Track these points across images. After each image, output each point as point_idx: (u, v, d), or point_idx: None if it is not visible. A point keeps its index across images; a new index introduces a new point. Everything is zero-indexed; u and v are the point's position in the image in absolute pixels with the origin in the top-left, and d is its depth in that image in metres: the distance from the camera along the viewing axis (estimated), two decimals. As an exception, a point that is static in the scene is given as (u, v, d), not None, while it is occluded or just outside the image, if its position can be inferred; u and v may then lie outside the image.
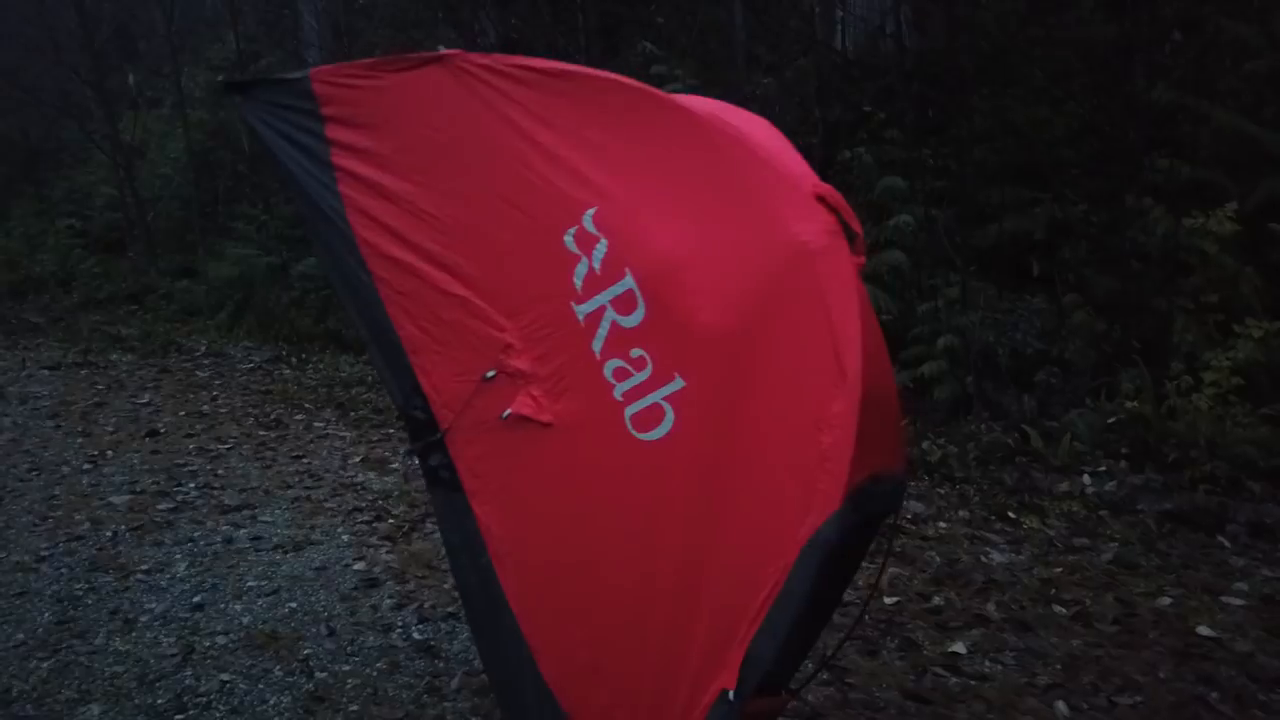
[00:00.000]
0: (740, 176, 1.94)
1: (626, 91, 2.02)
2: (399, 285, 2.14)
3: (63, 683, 3.05)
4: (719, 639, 1.84)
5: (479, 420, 2.06)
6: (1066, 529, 4.18)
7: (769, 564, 1.80)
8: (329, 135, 2.18)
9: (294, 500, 4.80)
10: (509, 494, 2.07)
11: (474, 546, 2.09)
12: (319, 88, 2.19)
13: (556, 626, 2.04)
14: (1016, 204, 6.31)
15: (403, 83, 2.15)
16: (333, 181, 2.18)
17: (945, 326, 5.87)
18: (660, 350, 1.91)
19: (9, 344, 9.54)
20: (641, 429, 1.91)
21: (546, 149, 2.03)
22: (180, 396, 7.20)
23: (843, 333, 1.84)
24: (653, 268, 1.93)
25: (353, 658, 3.22)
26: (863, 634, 3.30)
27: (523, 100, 2.05)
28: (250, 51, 12.98)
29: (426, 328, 2.12)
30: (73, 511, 4.65)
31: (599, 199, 1.98)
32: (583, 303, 1.97)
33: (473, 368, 2.07)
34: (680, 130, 1.98)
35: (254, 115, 2.26)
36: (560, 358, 2.00)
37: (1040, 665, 3.08)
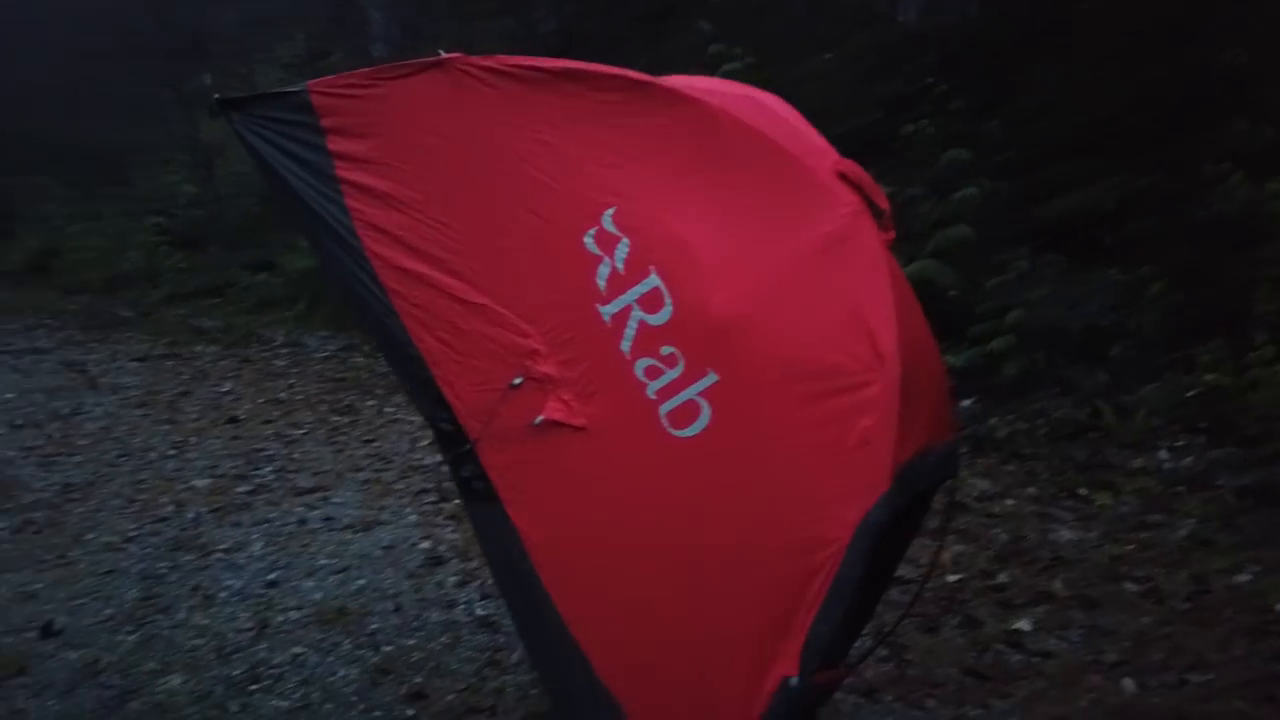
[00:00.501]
0: (758, 163, 1.93)
1: (635, 86, 2.00)
2: (414, 298, 2.08)
3: (146, 655, 3.21)
4: (773, 629, 1.82)
5: (509, 428, 2.02)
6: (1140, 505, 4.06)
7: (820, 550, 1.79)
8: (331, 148, 2.11)
9: (364, 482, 4.95)
10: (547, 500, 2.04)
11: (514, 555, 2.06)
12: (317, 99, 2.12)
13: (606, 627, 2.02)
14: (1087, 174, 6.11)
15: (404, 89, 2.10)
16: (339, 195, 2.11)
17: (1014, 301, 5.73)
18: (691, 346, 1.89)
19: (101, 337, 9.98)
20: (677, 426, 1.90)
21: (558, 150, 2.00)
22: (259, 385, 7.45)
23: (875, 313, 1.83)
24: (677, 264, 1.91)
25: (417, 632, 3.32)
26: (923, 611, 3.26)
27: (529, 101, 2.02)
28: (319, 48, 13.31)
29: (446, 339, 2.07)
30: (158, 495, 4.86)
31: (617, 198, 1.95)
32: (607, 303, 1.95)
33: (498, 376, 2.03)
34: (695, 121, 1.96)
35: (251, 132, 2.16)
36: (588, 360, 1.97)
37: (1107, 643, 3.02)
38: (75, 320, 11.13)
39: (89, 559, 4.04)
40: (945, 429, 2.16)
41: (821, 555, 1.78)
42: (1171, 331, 5.19)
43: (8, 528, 4.42)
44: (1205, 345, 4.90)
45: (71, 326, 10.75)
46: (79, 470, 5.31)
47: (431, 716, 2.81)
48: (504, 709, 2.83)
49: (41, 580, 3.82)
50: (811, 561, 1.79)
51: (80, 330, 10.48)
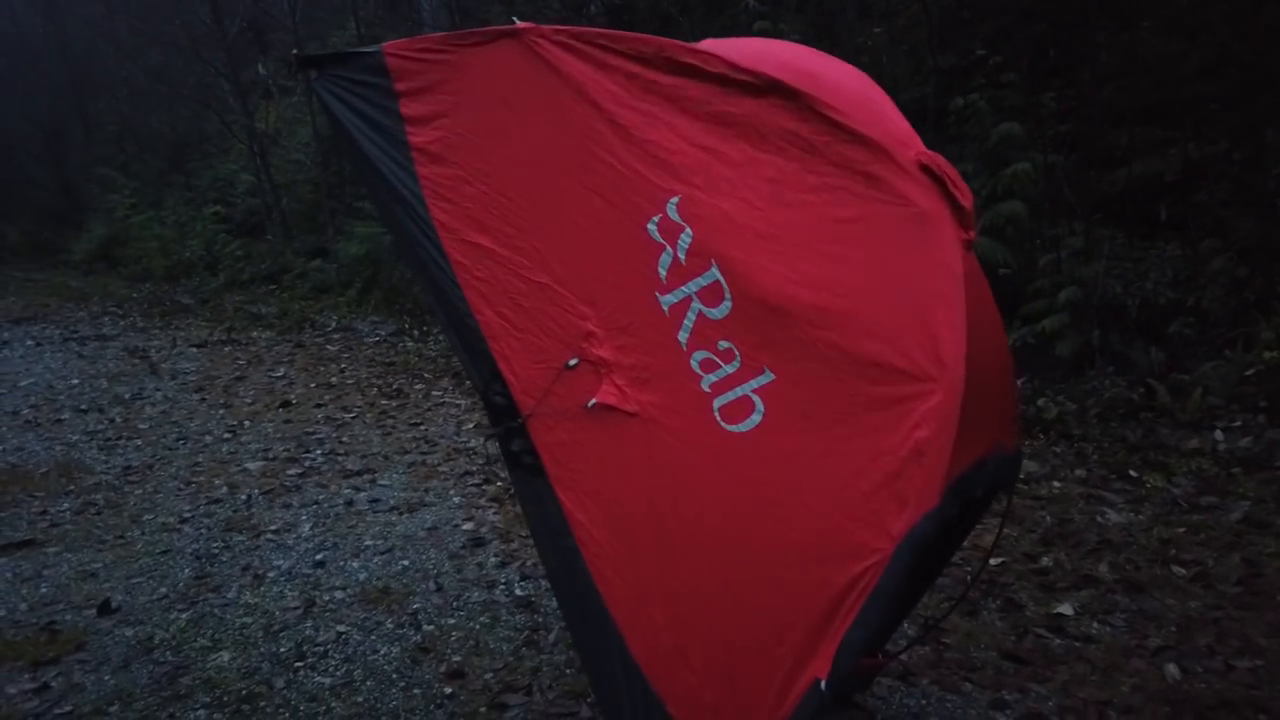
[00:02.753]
0: (837, 153, 1.83)
1: (712, 65, 1.91)
2: (477, 271, 2.09)
3: (198, 632, 3.31)
4: (811, 631, 1.80)
5: (562, 408, 2.03)
6: (1193, 487, 3.94)
7: (862, 559, 1.74)
8: (404, 112, 2.12)
9: (410, 465, 5.03)
10: (594, 481, 2.04)
11: (559, 530, 2.07)
12: (392, 62, 2.11)
13: (643, 610, 2.02)
14: (1146, 145, 5.91)
15: (477, 58, 2.07)
16: (409, 162, 2.12)
17: (1068, 278, 5.59)
18: (748, 343, 1.86)
19: (163, 324, 10.29)
20: (730, 421, 1.87)
21: (628, 131, 1.95)
22: (312, 369, 7.61)
23: (944, 320, 1.73)
24: (740, 259, 1.86)
25: (458, 612, 3.37)
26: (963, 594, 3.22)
27: (600, 78, 1.97)
28: (370, 36, 13.44)
29: (505, 314, 2.08)
30: (213, 477, 5.00)
31: (684, 186, 1.90)
32: (667, 293, 1.92)
33: (554, 355, 2.03)
34: (772, 108, 1.87)
35: (327, 91, 2.17)
36: (644, 347, 1.95)
37: (1152, 627, 2.94)
38: (138, 307, 11.50)
39: (146, 539, 4.18)
40: (1007, 435, 2.09)
41: (863, 565, 1.74)
42: (1232, 308, 5.02)
43: (70, 509, 4.58)
44: (1268, 322, 4.73)
45: (135, 313, 11.10)
46: (139, 453, 5.49)
47: (469, 694, 2.85)
48: (540, 688, 2.86)
49: (101, 560, 3.96)
50: (853, 570, 1.75)
51: (143, 317, 10.82)
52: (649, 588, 2.00)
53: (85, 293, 13.14)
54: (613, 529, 2.04)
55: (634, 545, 2.02)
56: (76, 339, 9.60)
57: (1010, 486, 2.16)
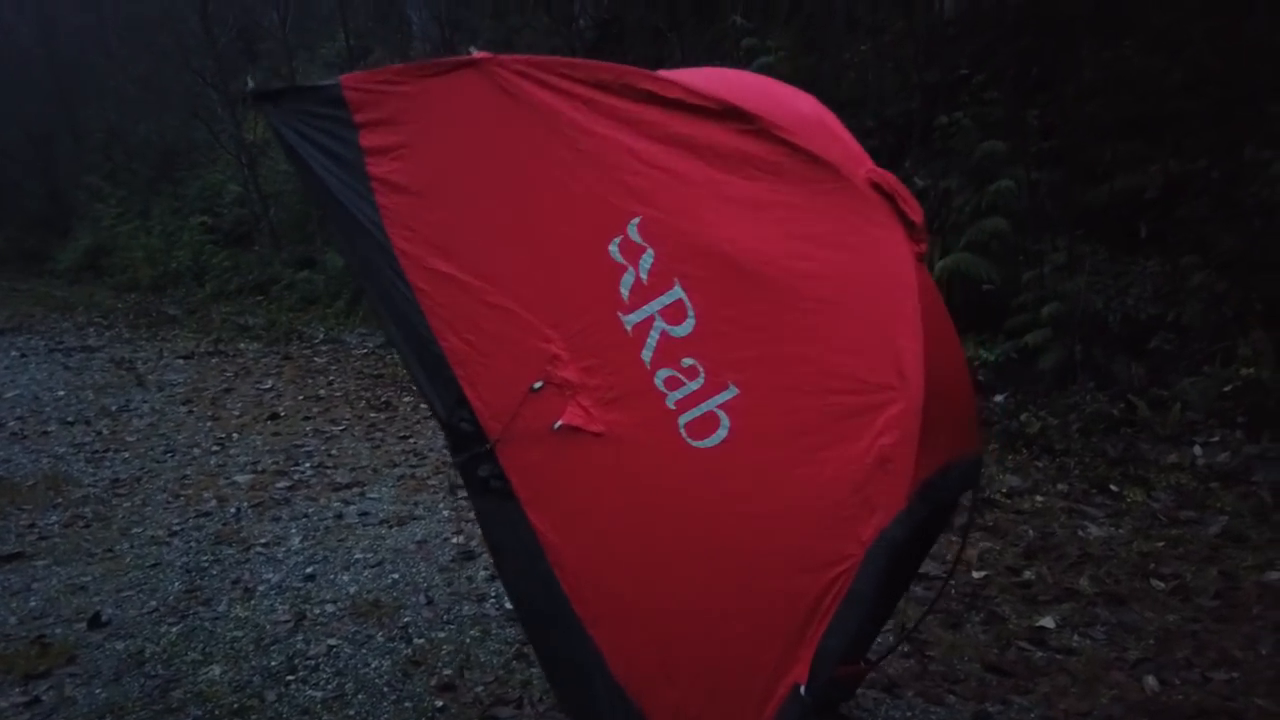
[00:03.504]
0: (792, 172, 1.91)
1: (669, 90, 1.98)
2: (440, 297, 2.09)
3: (189, 645, 3.32)
4: (789, 639, 1.84)
5: (529, 431, 2.04)
6: (1172, 501, 4.01)
7: (835, 566, 1.79)
8: (363, 144, 2.12)
9: (400, 478, 5.05)
10: (565, 503, 2.06)
11: (532, 554, 2.07)
12: (350, 95, 2.12)
13: (622, 628, 2.04)
14: (1128, 161, 6.01)
15: (436, 88, 2.09)
16: (369, 192, 2.11)
17: (1051, 293, 5.67)
18: (712, 359, 1.90)
19: (150, 335, 10.27)
20: (696, 437, 1.91)
21: (587, 155, 1.99)
22: (300, 381, 7.62)
23: (899, 331, 1.81)
24: (703, 276, 1.91)
25: (448, 625, 3.39)
26: (946, 607, 3.27)
27: (559, 104, 2.01)
28: (360, 47, 13.49)
29: (470, 339, 2.08)
30: (201, 490, 5.01)
31: (644, 207, 1.95)
32: (630, 313, 1.95)
33: (519, 378, 2.04)
34: (727, 129, 1.94)
35: (284, 124, 2.15)
36: (609, 368, 1.98)
37: (1132, 640, 3.00)
38: (125, 318, 11.47)
39: (135, 552, 4.18)
40: (970, 441, 2.15)
41: (835, 571, 1.79)
42: (1212, 323, 5.11)
43: (58, 522, 4.58)
44: (1246, 338, 4.82)
45: (121, 324, 11.08)
46: (126, 466, 5.49)
47: (460, 708, 2.88)
48: (531, 700, 2.89)
49: (90, 573, 3.96)
50: (825, 577, 1.80)
51: (129, 328, 10.80)
52: (627, 606, 2.03)
53: (71, 302, 13.10)
54: (588, 549, 2.05)
55: (610, 564, 2.04)
56: (62, 350, 9.58)
57: (975, 488, 2.23)
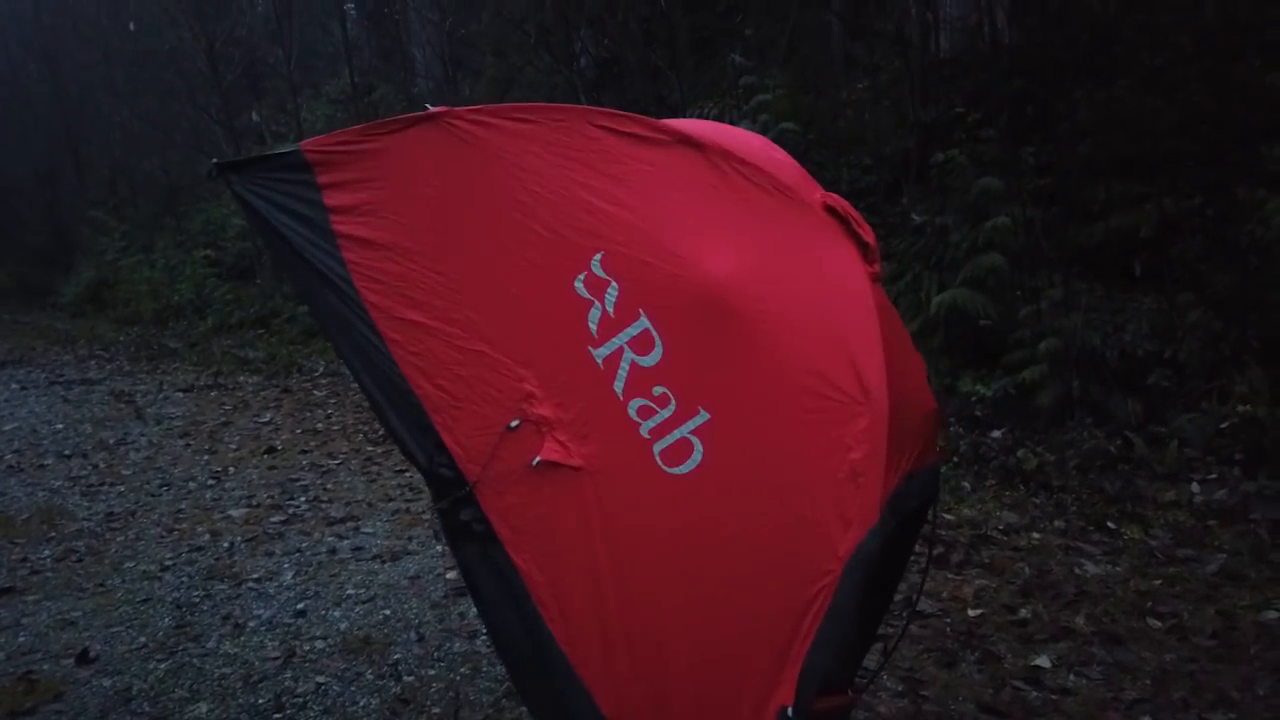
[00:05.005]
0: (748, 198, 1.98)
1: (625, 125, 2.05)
2: (413, 346, 2.11)
3: (177, 683, 3.29)
4: (774, 659, 1.85)
5: (507, 471, 2.05)
6: (1170, 539, 3.98)
7: (814, 582, 1.82)
8: (327, 203, 2.16)
9: (394, 512, 5.03)
10: (547, 540, 2.06)
11: (517, 595, 2.08)
12: (313, 157, 2.17)
13: (609, 663, 2.04)
14: (1123, 200, 6.04)
15: (396, 144, 2.14)
16: (336, 249, 2.15)
17: (1047, 329, 5.67)
18: (681, 386, 1.94)
19: (150, 368, 10.29)
20: (671, 464, 1.94)
21: (547, 196, 2.05)
22: (298, 415, 7.62)
23: (861, 348, 1.87)
24: (667, 306, 1.95)
25: (439, 663, 3.36)
26: (941, 645, 3.24)
27: (516, 150, 2.07)
28: (364, 84, 13.65)
29: (444, 385, 2.09)
30: (195, 524, 4.99)
31: (605, 243, 2.00)
32: (599, 346, 1.99)
33: (495, 419, 2.06)
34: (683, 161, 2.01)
35: (249, 191, 2.19)
36: (582, 401, 2.01)
37: (1128, 680, 2.96)
38: (125, 351, 11.49)
39: (127, 587, 4.16)
40: (929, 450, 2.20)
41: (815, 587, 1.81)
42: (1208, 360, 5.11)
43: (51, 556, 4.56)
44: (1242, 375, 4.82)
45: (121, 357, 11.10)
46: (121, 500, 5.47)
47: (448, 747, 2.85)
48: (520, 740, 2.86)
49: (81, 608, 3.94)
50: (806, 593, 1.82)
51: (130, 361, 10.82)
52: (614, 639, 2.03)
53: (73, 335, 13.14)
54: (572, 586, 2.06)
55: (595, 599, 2.04)
56: (62, 383, 9.59)
57: (935, 499, 2.28)
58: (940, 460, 2.34)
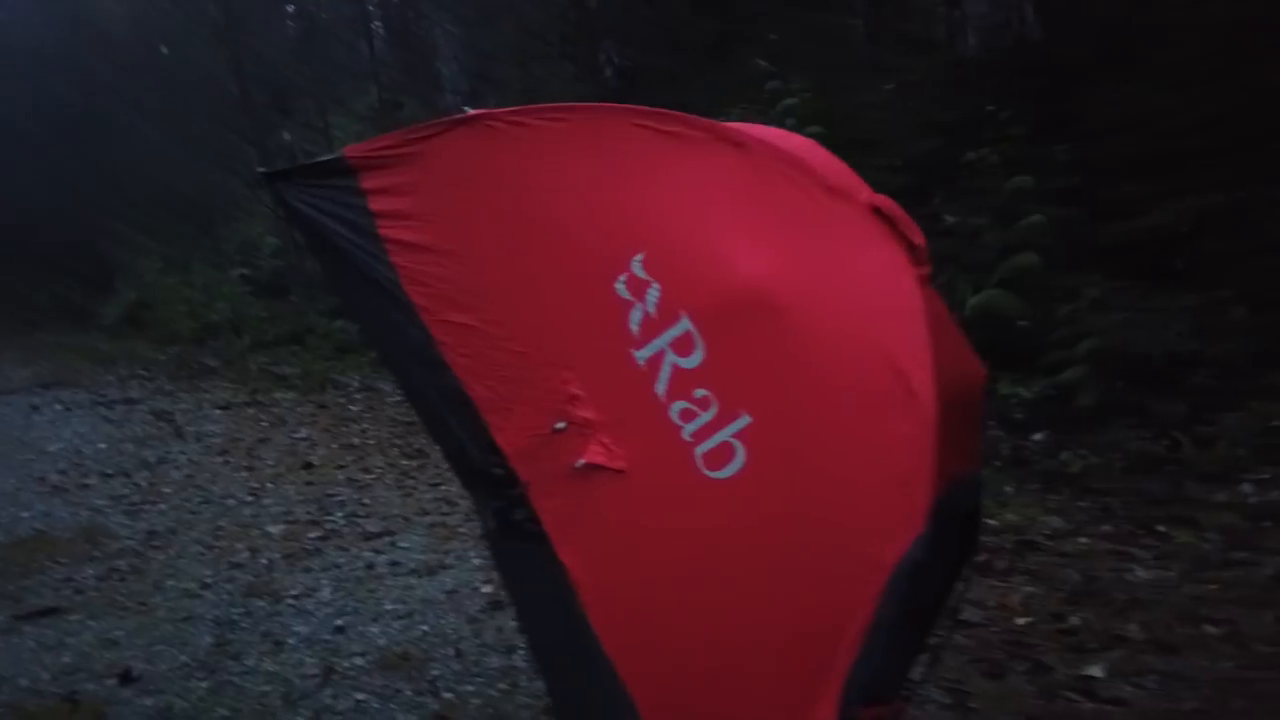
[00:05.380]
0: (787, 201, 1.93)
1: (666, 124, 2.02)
2: (461, 349, 2.12)
3: (217, 701, 3.31)
4: (816, 671, 1.80)
5: (554, 472, 2.04)
6: (1223, 542, 3.87)
7: (859, 593, 1.76)
8: (373, 208, 2.17)
9: (431, 526, 5.03)
10: (592, 542, 2.04)
11: (564, 598, 2.05)
12: (356, 162, 2.19)
13: (651, 667, 2.01)
14: (1160, 195, 5.92)
15: (436, 148, 2.14)
16: (383, 253, 2.16)
17: (1086, 329, 5.57)
18: (723, 389, 1.89)
19: (189, 386, 10.41)
20: (713, 467, 1.89)
21: (588, 196, 2.03)
22: (334, 430, 7.67)
23: (908, 350, 1.80)
24: (708, 308, 1.92)
25: (476, 678, 3.35)
26: (988, 655, 3.18)
27: (556, 150, 2.05)
28: (392, 100, 13.77)
29: (493, 386, 2.10)
30: (234, 541, 5.03)
31: (646, 243, 1.97)
32: (641, 348, 1.96)
33: (541, 421, 2.05)
34: (726, 160, 1.97)
35: (296, 198, 2.24)
36: (625, 404, 1.98)
37: (1186, 690, 2.88)
38: (165, 370, 11.65)
39: (168, 605, 4.19)
40: (973, 458, 2.14)
41: (860, 597, 1.75)
42: (1254, 357, 4.98)
43: (94, 575, 4.62)
44: (1291, 370, 4.70)
45: (161, 376, 11.24)
46: (163, 518, 5.53)
47: (489, 764, 2.83)
48: (560, 757, 2.83)
49: (123, 627, 3.97)
50: (849, 602, 1.76)
51: (169, 380, 10.96)
52: (655, 643, 2.00)
53: (114, 356, 13.34)
54: (616, 590, 2.03)
55: (638, 605, 2.01)
56: (105, 403, 9.73)
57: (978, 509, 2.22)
58: (980, 468, 2.29)
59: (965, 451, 2.02)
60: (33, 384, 11.36)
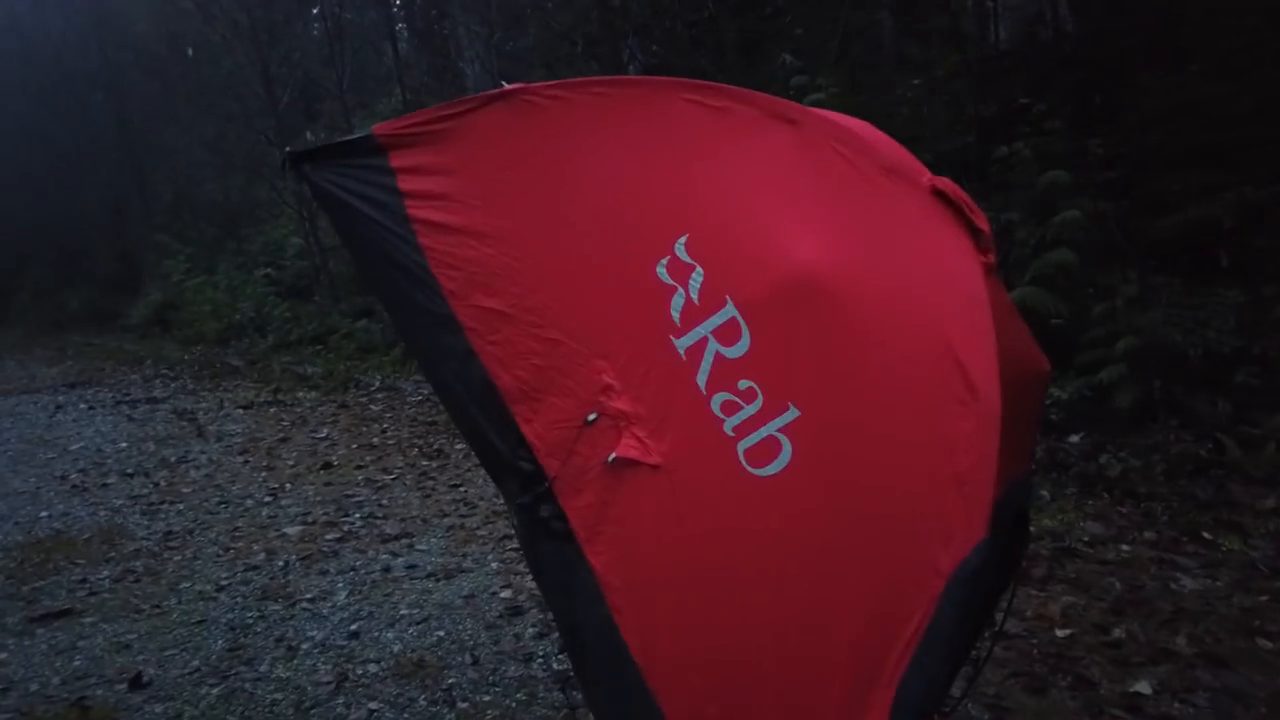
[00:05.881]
0: (842, 181, 1.80)
1: (712, 98, 1.90)
2: (491, 335, 2.02)
3: (228, 709, 3.22)
4: (862, 680, 1.69)
5: (585, 466, 1.94)
6: (1273, 550, 3.70)
7: (912, 598, 1.65)
8: (402, 187, 2.07)
9: (449, 528, 4.94)
10: (623, 541, 1.94)
11: (591, 598, 1.96)
12: (385, 140, 2.09)
13: (683, 677, 1.90)
14: (1200, 189, 5.72)
15: (470, 124, 2.04)
16: (411, 235, 2.06)
17: (1124, 327, 5.38)
18: (770, 380, 1.78)
19: (212, 386, 10.42)
20: (757, 464, 1.78)
21: (628, 176, 1.92)
22: (354, 430, 7.61)
23: (971, 344, 1.68)
24: (755, 294, 1.80)
25: (493, 688, 3.24)
26: (1029, 669, 3.03)
27: (595, 125, 1.95)
28: (416, 103, 13.74)
29: (522, 376, 2.00)
30: (251, 542, 4.96)
31: (691, 225, 1.86)
32: (682, 336, 1.85)
33: (573, 413, 1.95)
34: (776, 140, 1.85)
35: (323, 179, 2.13)
36: (663, 395, 1.87)
37: (1239, 707, 2.72)
38: (189, 370, 11.68)
39: (182, 608, 4.12)
40: (1025, 459, 2.00)
41: (911, 603, 1.64)
42: (1304, 356, 4.79)
43: (109, 577, 4.56)
44: (1342, 370, 4.50)
45: (186, 376, 11.28)
46: (180, 518, 5.47)
47: (504, 778, 2.72)
48: (578, 771, 2.72)
49: (136, 630, 3.90)
50: (901, 610, 1.65)
51: (193, 379, 10.98)
52: (688, 652, 1.88)
53: (140, 356, 13.41)
54: (647, 592, 1.92)
55: (670, 608, 1.90)
56: (128, 402, 9.75)
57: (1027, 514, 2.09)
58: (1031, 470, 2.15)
59: (1023, 451, 1.89)
60: (59, 383, 11.44)
